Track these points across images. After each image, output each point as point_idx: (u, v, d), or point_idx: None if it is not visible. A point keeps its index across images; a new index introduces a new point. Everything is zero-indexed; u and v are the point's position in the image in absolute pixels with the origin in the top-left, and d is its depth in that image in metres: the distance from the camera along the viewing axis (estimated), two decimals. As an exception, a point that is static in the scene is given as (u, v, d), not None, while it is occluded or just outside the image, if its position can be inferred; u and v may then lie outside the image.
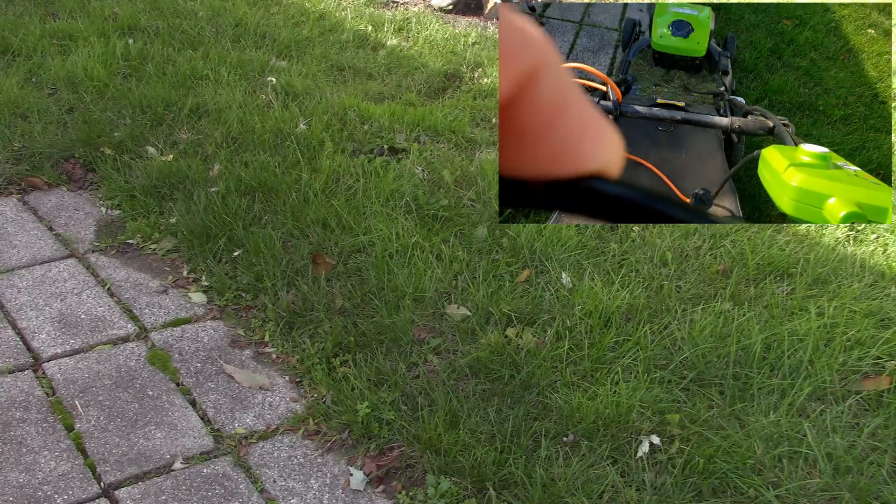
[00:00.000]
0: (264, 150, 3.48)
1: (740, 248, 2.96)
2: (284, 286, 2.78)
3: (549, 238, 2.95)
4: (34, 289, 2.80)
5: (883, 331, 2.57)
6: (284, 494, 2.11)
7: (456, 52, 4.85)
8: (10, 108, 3.75)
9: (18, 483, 2.08)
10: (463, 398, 2.32)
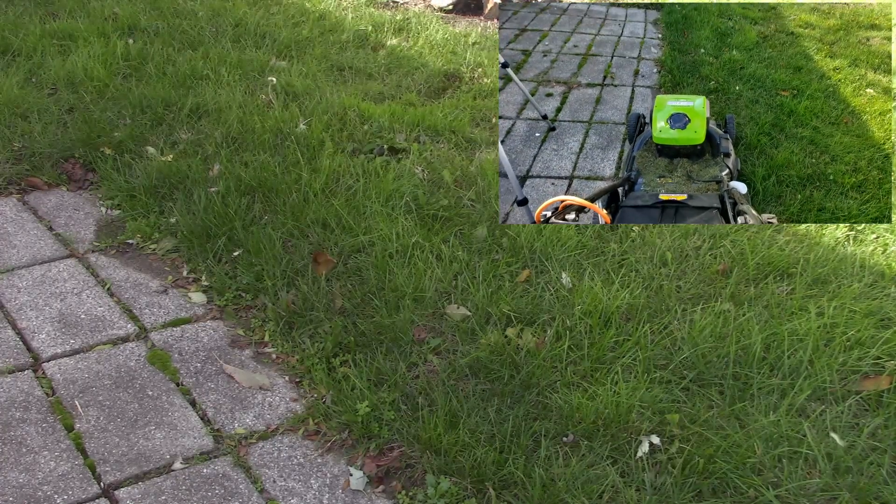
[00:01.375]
0: (264, 150, 3.48)
1: (740, 248, 2.96)
2: (284, 286, 2.78)
3: (548, 238, 2.95)
4: (34, 289, 2.80)
5: (883, 331, 2.57)
6: (284, 494, 2.12)
7: (456, 52, 4.85)
8: (10, 108, 3.75)
9: (18, 483, 2.08)
10: (463, 398, 2.32)
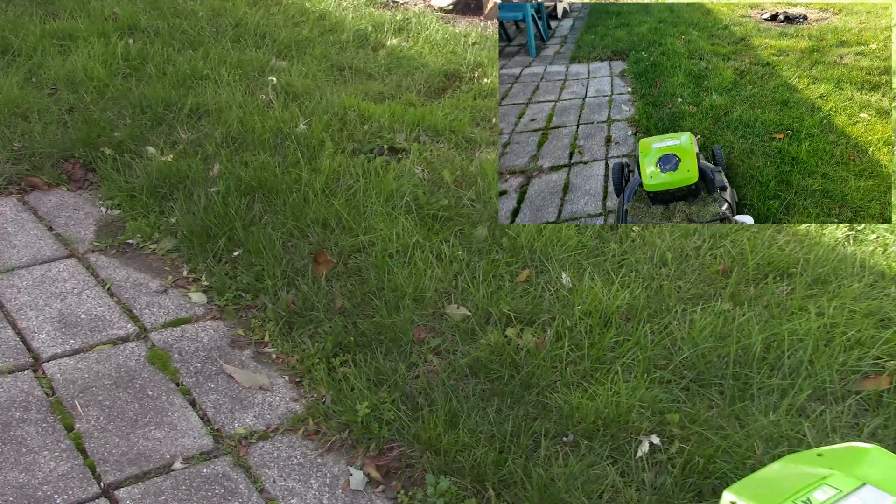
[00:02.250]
0: (264, 150, 3.48)
1: (740, 248, 2.96)
2: (284, 286, 2.78)
3: (548, 238, 2.95)
4: (34, 289, 2.80)
5: (883, 331, 2.57)
6: (284, 494, 2.12)
7: (456, 52, 4.85)
8: (10, 108, 3.75)
9: (18, 483, 2.08)
10: (463, 398, 2.32)
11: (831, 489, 1.26)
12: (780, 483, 1.31)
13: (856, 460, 1.38)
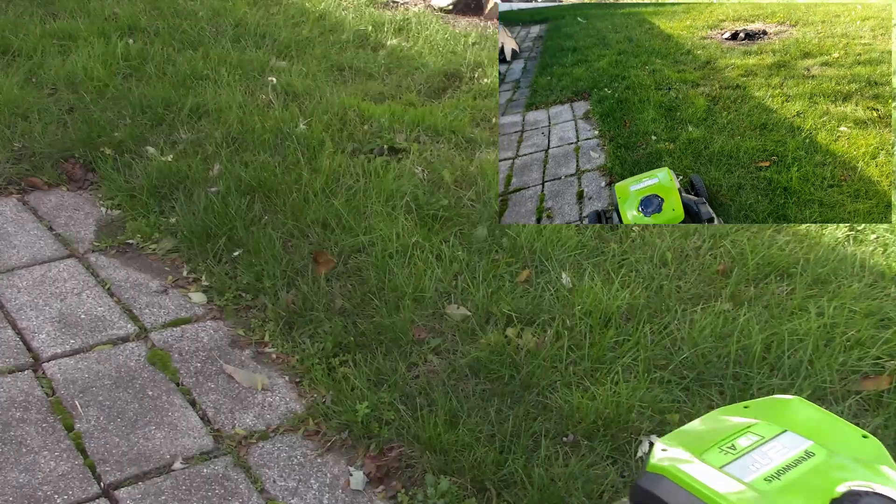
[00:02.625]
0: (264, 150, 3.48)
1: (740, 248, 2.96)
2: (284, 286, 2.78)
3: (548, 238, 2.95)
4: (34, 289, 2.80)
5: (883, 331, 2.57)
6: (284, 494, 2.12)
7: (456, 52, 4.85)
8: (10, 108, 3.75)
9: (18, 483, 2.08)
10: (463, 398, 2.32)
11: (755, 436, 1.34)
12: (709, 432, 1.38)
13: (779, 410, 1.47)
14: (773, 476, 1.26)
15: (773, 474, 1.26)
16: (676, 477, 1.27)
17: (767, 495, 1.22)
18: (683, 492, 1.25)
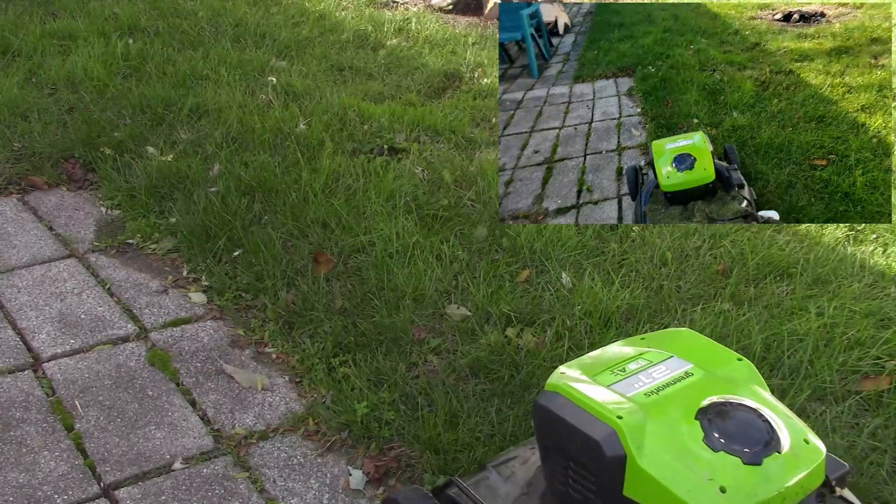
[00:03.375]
0: (264, 150, 3.48)
1: (740, 248, 2.96)
2: (284, 286, 2.78)
3: (549, 238, 2.95)
4: (34, 289, 2.80)
5: (883, 331, 2.56)
6: (284, 494, 2.12)
7: (456, 52, 4.85)
8: (10, 108, 3.75)
9: (18, 483, 2.08)
10: (463, 398, 2.32)
11: (644, 361, 1.52)
12: (605, 358, 1.56)
13: (670, 339, 1.64)
14: (653, 392, 1.43)
15: (652, 390, 1.43)
16: (568, 393, 1.45)
17: (643, 406, 1.39)
18: (572, 405, 1.43)
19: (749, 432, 1.34)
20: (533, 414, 1.54)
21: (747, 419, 1.36)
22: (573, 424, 1.40)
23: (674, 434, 1.34)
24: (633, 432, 1.34)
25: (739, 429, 1.34)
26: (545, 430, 1.50)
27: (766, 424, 1.35)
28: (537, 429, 1.53)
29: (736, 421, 1.35)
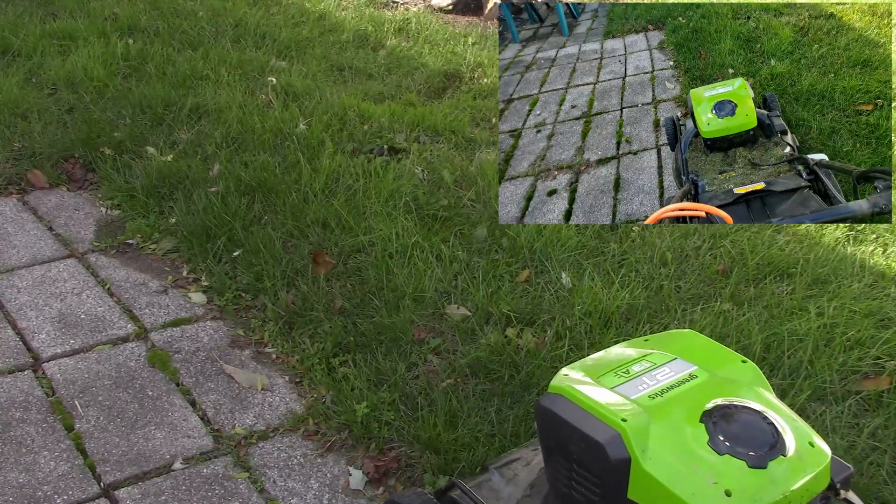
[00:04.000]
0: (264, 150, 3.48)
1: (740, 248, 2.96)
2: (284, 286, 2.78)
3: (548, 238, 2.95)
4: (34, 289, 2.80)
5: (883, 331, 2.56)
6: (284, 494, 2.12)
7: (456, 52, 4.85)
8: (10, 108, 3.75)
9: (18, 483, 2.08)
10: (463, 398, 2.32)
11: (647, 363, 1.50)
12: (608, 360, 1.55)
13: (674, 341, 1.62)
14: (657, 394, 1.42)
15: (657, 393, 1.42)
16: (572, 395, 1.44)
17: (647, 408, 1.37)
18: (576, 407, 1.42)
19: (754, 435, 1.33)
20: (536, 416, 1.53)
21: (752, 422, 1.36)
22: (577, 427, 1.39)
23: (678, 437, 1.34)
24: (638, 435, 1.33)
25: (744, 432, 1.33)
26: (548, 433, 1.50)
27: (772, 427, 1.35)
28: (540, 431, 1.53)
29: (741, 424, 1.35)
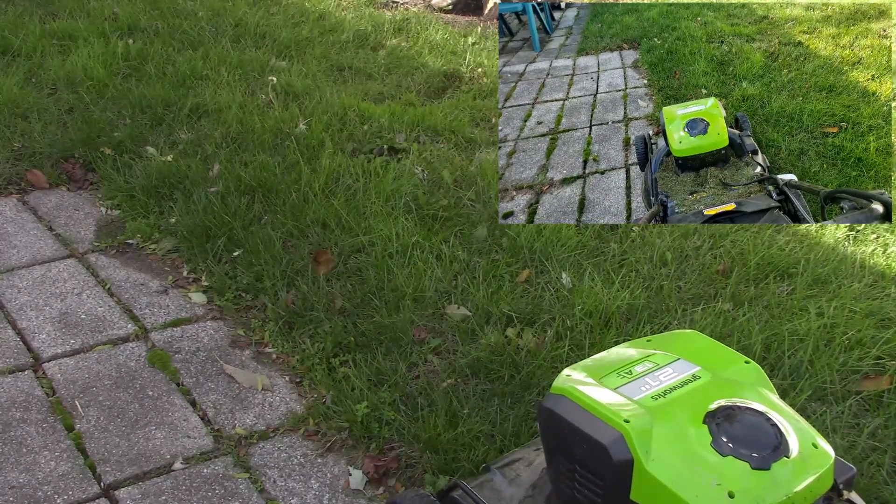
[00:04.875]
0: (264, 150, 3.48)
1: (740, 248, 2.96)
2: (284, 286, 2.78)
3: (548, 238, 2.95)
4: (34, 289, 2.80)
5: (883, 331, 2.56)
6: (284, 494, 2.11)
7: (456, 52, 4.85)
8: (10, 108, 3.75)
9: (18, 483, 2.08)
10: (463, 398, 2.32)
11: (650, 363, 1.50)
12: (611, 361, 1.54)
13: (676, 341, 1.62)
14: (660, 395, 1.41)
15: (660, 394, 1.41)
16: (574, 396, 1.43)
17: (651, 409, 1.37)
18: (579, 408, 1.41)
19: (757, 437, 1.33)
20: (538, 417, 1.52)
21: (756, 423, 1.35)
22: (580, 428, 1.39)
23: (681, 438, 1.33)
24: (641, 436, 1.33)
25: (748, 433, 1.33)
26: (551, 434, 1.49)
27: (775, 429, 1.34)
28: (543, 432, 1.52)
29: (744, 425, 1.34)
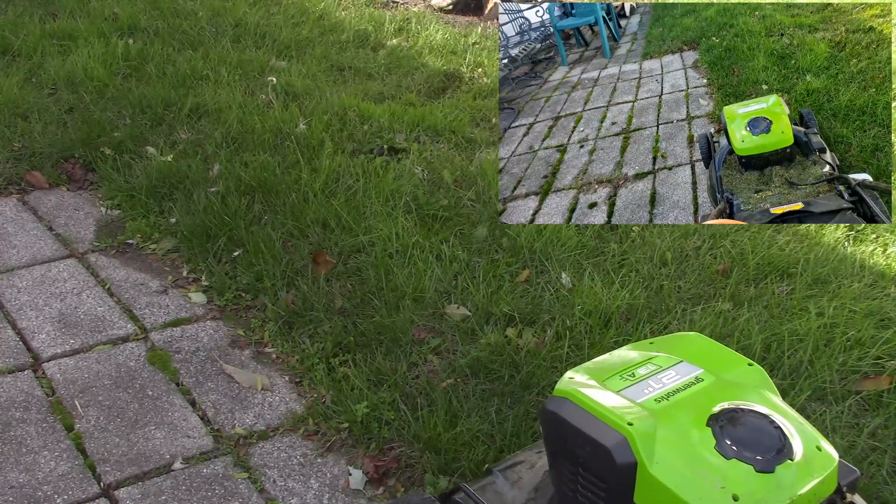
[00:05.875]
0: (264, 150, 3.48)
1: (740, 248, 2.96)
2: (284, 286, 2.78)
3: (548, 238, 2.95)
4: (34, 289, 2.80)
5: (883, 331, 2.56)
6: (284, 494, 2.11)
7: (456, 52, 4.85)
8: (10, 108, 3.75)
9: (18, 483, 2.08)
10: (463, 398, 2.32)
11: (653, 365, 1.49)
12: (614, 363, 1.53)
13: (679, 344, 1.61)
14: (663, 397, 1.39)
15: (663, 396, 1.40)
16: (577, 398, 1.42)
17: (654, 412, 1.35)
18: (582, 411, 1.40)
19: (761, 439, 1.32)
20: (541, 419, 1.51)
21: (759, 426, 1.34)
22: (583, 431, 1.38)
23: (685, 441, 1.33)
24: (644, 439, 1.32)
25: (751, 436, 1.32)
26: (554, 436, 1.49)
27: (779, 431, 1.34)
28: (545, 434, 1.51)
29: (748, 427, 1.33)
